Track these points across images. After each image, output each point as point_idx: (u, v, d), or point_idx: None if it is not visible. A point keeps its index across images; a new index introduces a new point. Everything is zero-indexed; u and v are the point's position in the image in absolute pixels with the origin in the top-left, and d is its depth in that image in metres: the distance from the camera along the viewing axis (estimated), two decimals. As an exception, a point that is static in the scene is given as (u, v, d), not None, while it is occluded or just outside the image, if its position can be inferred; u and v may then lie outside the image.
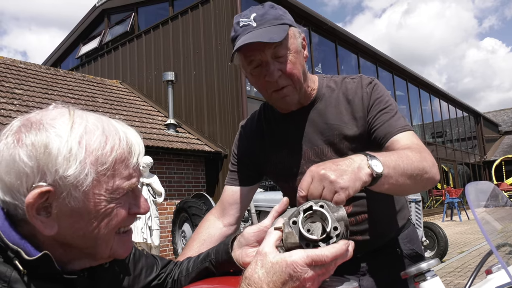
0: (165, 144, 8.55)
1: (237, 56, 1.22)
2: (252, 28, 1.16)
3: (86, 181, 0.69)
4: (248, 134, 1.44)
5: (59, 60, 15.25)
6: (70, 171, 0.67)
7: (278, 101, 1.27)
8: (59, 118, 0.71)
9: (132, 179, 0.75)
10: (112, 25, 13.35)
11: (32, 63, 11.11)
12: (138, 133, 0.80)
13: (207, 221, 1.40)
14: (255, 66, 1.20)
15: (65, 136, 0.68)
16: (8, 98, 8.10)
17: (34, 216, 0.68)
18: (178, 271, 1.03)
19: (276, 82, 1.19)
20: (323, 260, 0.69)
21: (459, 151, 21.49)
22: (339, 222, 0.72)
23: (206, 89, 10.08)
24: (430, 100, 19.76)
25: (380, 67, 15.36)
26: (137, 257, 0.98)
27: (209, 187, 9.42)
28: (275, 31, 1.15)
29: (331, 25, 12.03)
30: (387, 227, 1.41)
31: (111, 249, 0.77)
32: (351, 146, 1.28)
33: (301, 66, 1.23)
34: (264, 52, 1.16)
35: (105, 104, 10.00)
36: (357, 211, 1.33)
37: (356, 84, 1.31)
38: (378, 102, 1.26)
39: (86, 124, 0.72)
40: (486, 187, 0.67)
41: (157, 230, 6.38)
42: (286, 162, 1.36)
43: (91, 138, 0.70)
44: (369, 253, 1.37)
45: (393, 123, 1.22)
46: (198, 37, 10.40)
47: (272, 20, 1.17)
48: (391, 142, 1.19)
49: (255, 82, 1.26)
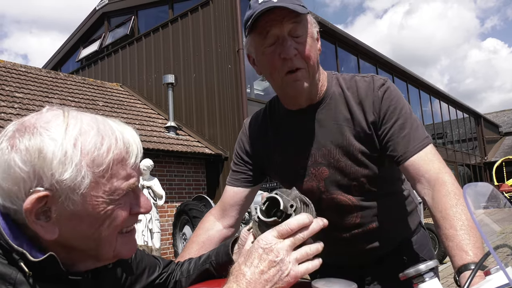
0: (166, 147, 8.56)
1: (249, 37, 1.16)
2: (273, 3, 1.07)
3: (83, 183, 0.68)
4: (253, 132, 1.37)
5: (59, 63, 15.27)
6: (66, 174, 0.67)
7: (290, 86, 1.17)
8: (54, 121, 0.70)
9: (131, 179, 0.74)
10: (112, 28, 13.38)
11: (33, 66, 11.13)
12: (136, 131, 0.79)
13: (206, 222, 1.36)
14: (270, 43, 1.12)
15: (60, 139, 0.67)
16: (8, 101, 8.11)
17: (34, 221, 0.67)
18: (180, 272, 1.03)
19: (291, 60, 1.11)
20: (288, 229, 0.73)
21: (459, 153, 21.47)
22: (294, 200, 0.78)
23: (206, 92, 10.08)
24: (431, 101, 19.76)
25: (380, 68, 15.36)
26: (139, 257, 0.98)
27: (209, 190, 9.41)
28: (297, 5, 1.09)
29: (330, 27, 12.04)
30: (397, 234, 1.36)
31: (115, 250, 0.76)
32: (361, 148, 1.22)
33: (316, 54, 1.16)
34: (283, 25, 1.09)
35: (105, 107, 10.01)
36: (365, 221, 1.29)
37: (368, 84, 1.23)
38: (392, 111, 1.18)
39: (81, 125, 0.71)
40: (484, 189, 0.67)
41: (158, 233, 6.38)
42: (292, 163, 1.30)
43: (86, 139, 0.69)
44: (374, 262, 1.34)
45: (411, 138, 1.15)
46: (198, 40, 10.41)
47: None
48: (410, 165, 1.13)
49: (267, 62, 1.15)
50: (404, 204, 1.38)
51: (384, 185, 1.29)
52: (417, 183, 1.13)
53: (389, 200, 1.31)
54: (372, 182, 1.25)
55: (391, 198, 1.33)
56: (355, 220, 1.28)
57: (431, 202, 1.06)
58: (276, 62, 1.13)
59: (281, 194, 0.77)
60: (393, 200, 1.35)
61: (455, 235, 0.94)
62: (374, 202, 1.28)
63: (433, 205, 1.05)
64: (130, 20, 12.55)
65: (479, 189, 0.68)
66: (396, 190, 1.37)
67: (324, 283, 0.77)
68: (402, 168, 1.16)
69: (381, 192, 1.28)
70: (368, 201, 1.27)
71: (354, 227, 1.29)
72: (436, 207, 1.03)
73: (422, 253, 1.37)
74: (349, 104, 1.23)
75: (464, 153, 22.17)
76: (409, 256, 1.35)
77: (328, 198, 1.27)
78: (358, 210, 1.27)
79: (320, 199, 1.27)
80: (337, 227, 1.29)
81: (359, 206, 1.27)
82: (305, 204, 0.80)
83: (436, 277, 0.73)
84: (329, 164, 1.25)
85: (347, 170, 1.23)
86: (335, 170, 1.25)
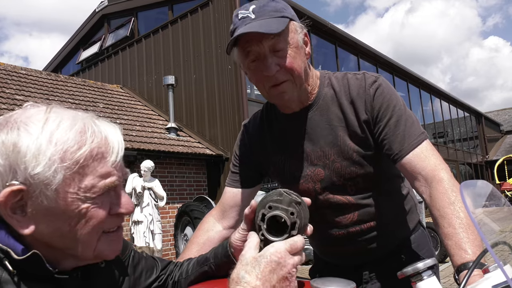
0: (166, 148, 8.57)
1: (234, 50, 1.17)
2: (250, 20, 1.11)
3: (55, 179, 0.67)
4: (251, 134, 1.39)
5: (60, 65, 15.29)
6: (39, 168, 0.66)
7: (276, 98, 1.21)
8: (34, 116, 0.70)
9: (110, 178, 0.72)
10: (112, 30, 13.39)
11: (33, 69, 11.14)
12: (119, 130, 0.77)
13: (206, 223, 1.37)
14: (253, 59, 1.14)
15: (36, 133, 0.67)
16: (9, 104, 8.12)
17: (9, 215, 0.67)
18: (179, 273, 1.03)
19: (275, 76, 1.13)
20: (298, 248, 0.73)
21: (461, 151, 21.44)
22: (290, 206, 0.77)
23: (207, 93, 10.09)
24: (431, 100, 19.75)
25: (381, 68, 15.35)
26: (136, 260, 0.98)
27: (210, 190, 9.41)
28: (273, 22, 1.10)
29: (330, 27, 12.04)
30: (395, 233, 1.35)
31: (96, 249, 0.74)
32: (356, 148, 1.22)
33: (302, 62, 1.16)
34: (262, 43, 1.10)
35: (106, 109, 10.02)
36: (362, 220, 1.28)
37: (359, 82, 1.22)
38: (386, 108, 1.18)
39: (60, 120, 0.70)
40: (482, 187, 0.67)
41: (159, 234, 6.38)
42: (288, 166, 1.31)
43: (62, 134, 0.69)
44: (372, 261, 1.33)
45: (406, 135, 1.15)
46: (198, 41, 10.42)
47: (272, 12, 1.12)
48: (406, 163, 1.13)
49: (253, 77, 1.19)
50: (402, 202, 1.38)
51: (381, 183, 1.28)
52: (414, 181, 1.13)
53: (387, 198, 1.31)
54: (369, 181, 1.25)
55: (389, 196, 1.33)
56: (352, 218, 1.28)
57: (429, 200, 1.07)
58: (260, 77, 1.16)
59: (276, 206, 0.77)
60: (391, 198, 1.34)
61: (454, 234, 0.94)
62: (371, 200, 1.27)
63: (431, 203, 1.06)
64: (130, 21, 12.57)
65: (477, 188, 0.68)
66: (394, 189, 1.36)
67: (322, 282, 0.78)
68: (399, 166, 1.16)
69: (378, 191, 1.28)
70: (365, 200, 1.27)
71: (351, 225, 1.28)
72: (434, 205, 1.03)
73: (421, 252, 1.36)
74: (341, 104, 1.23)
75: (466, 152, 22.14)
76: (408, 255, 1.34)
77: (325, 198, 1.27)
78: (355, 209, 1.27)
79: (316, 199, 1.27)
80: (334, 225, 1.30)
81: (356, 205, 1.27)
82: (298, 204, 0.80)
83: (435, 275, 0.73)
84: (325, 165, 1.25)
85: (342, 170, 1.23)
86: (331, 171, 1.25)
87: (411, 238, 1.38)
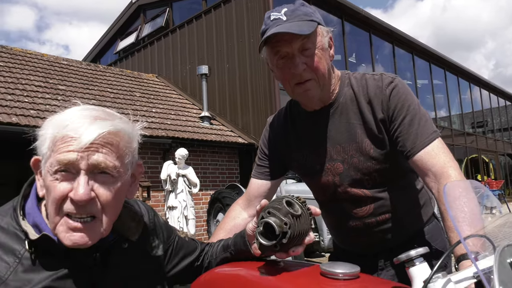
0: (200, 136, 8.78)
1: (264, 49, 1.28)
2: (282, 21, 1.21)
3: (45, 155, 0.85)
4: (274, 131, 1.49)
5: (98, 55, 15.80)
6: (44, 148, 0.86)
7: (300, 95, 1.31)
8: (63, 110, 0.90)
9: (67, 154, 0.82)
10: (148, 21, 13.70)
11: (74, 59, 11.59)
12: (108, 126, 0.86)
13: (233, 211, 1.50)
14: (282, 57, 1.25)
15: (48, 123, 0.88)
16: (52, 94, 8.54)
17: (36, 175, 0.91)
18: (210, 254, 1.19)
19: (300, 74, 1.23)
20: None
21: (500, 142, 20.68)
22: (286, 217, 0.89)
23: (239, 82, 10.21)
24: (470, 89, 19.08)
25: (416, 55, 14.97)
26: (180, 245, 1.14)
27: (242, 178, 9.57)
28: (304, 25, 1.20)
29: (364, 14, 11.85)
30: (409, 225, 1.42)
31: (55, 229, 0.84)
32: (373, 145, 1.30)
33: (326, 63, 1.26)
34: (292, 44, 1.21)
35: (142, 98, 10.34)
36: (378, 212, 1.36)
37: (377, 82, 1.31)
38: (400, 108, 1.26)
39: (64, 112, 0.89)
40: (467, 186, 0.74)
41: (192, 220, 6.60)
42: (310, 160, 1.41)
43: (54, 123, 0.87)
44: (387, 250, 1.41)
45: (418, 133, 1.22)
46: (231, 31, 10.52)
47: (302, 16, 1.23)
48: (418, 160, 1.21)
49: (279, 75, 1.29)
50: (416, 195, 1.45)
51: (396, 178, 1.37)
52: (425, 177, 1.21)
53: (402, 192, 1.39)
54: (384, 176, 1.34)
55: (404, 190, 1.41)
56: (368, 210, 1.37)
57: (437, 195, 1.15)
58: (287, 75, 1.27)
59: (274, 213, 0.89)
60: (406, 192, 1.42)
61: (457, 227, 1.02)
62: (386, 193, 1.36)
63: (438, 198, 1.14)
64: (164, 12, 12.81)
65: (460, 186, 0.76)
66: (409, 183, 1.44)
67: (330, 265, 0.89)
68: (411, 162, 1.24)
69: (394, 185, 1.37)
70: (381, 193, 1.36)
71: (367, 217, 1.38)
72: (441, 200, 1.12)
73: (434, 242, 1.43)
74: (360, 103, 1.32)
75: (506, 143, 21.33)
76: (421, 245, 1.38)
77: (343, 191, 1.37)
78: (371, 201, 1.36)
79: (335, 192, 1.38)
80: (351, 216, 1.39)
81: (372, 198, 1.36)
82: (295, 217, 0.90)
83: (426, 262, 0.83)
84: (344, 160, 1.35)
85: (360, 165, 1.33)
86: (349, 165, 1.34)
87: (424, 229, 1.46)
